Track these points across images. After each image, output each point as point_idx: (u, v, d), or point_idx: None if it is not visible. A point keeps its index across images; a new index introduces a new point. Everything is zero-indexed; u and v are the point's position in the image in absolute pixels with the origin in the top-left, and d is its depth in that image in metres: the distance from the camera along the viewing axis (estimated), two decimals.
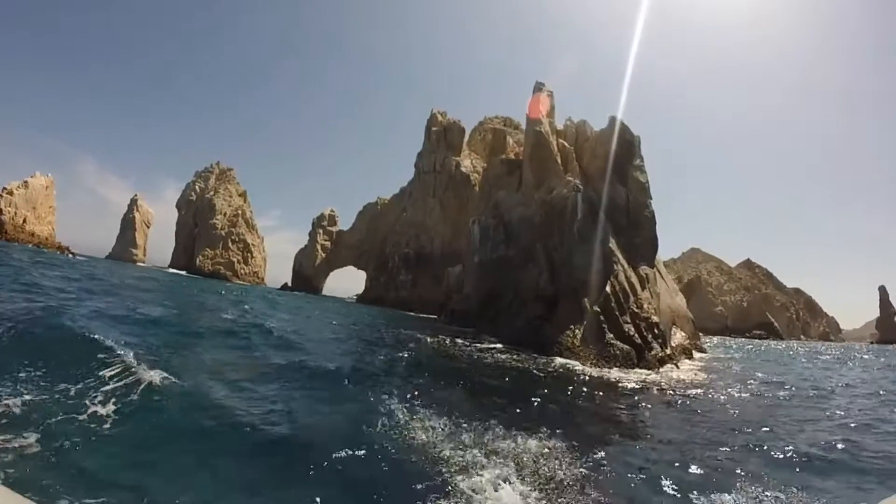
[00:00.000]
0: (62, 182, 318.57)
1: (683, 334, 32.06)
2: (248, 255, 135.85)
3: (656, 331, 23.14)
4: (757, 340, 74.66)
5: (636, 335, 21.87)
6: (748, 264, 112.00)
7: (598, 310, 22.31)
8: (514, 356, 19.82)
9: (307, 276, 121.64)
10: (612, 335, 21.27)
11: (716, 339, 72.04)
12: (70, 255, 77.70)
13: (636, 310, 23.44)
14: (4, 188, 76.37)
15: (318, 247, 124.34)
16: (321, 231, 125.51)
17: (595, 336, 21.43)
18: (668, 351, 22.75)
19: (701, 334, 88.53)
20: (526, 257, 30.50)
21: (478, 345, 23.15)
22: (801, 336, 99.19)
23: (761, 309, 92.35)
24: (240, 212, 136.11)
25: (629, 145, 32.27)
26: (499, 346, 23.12)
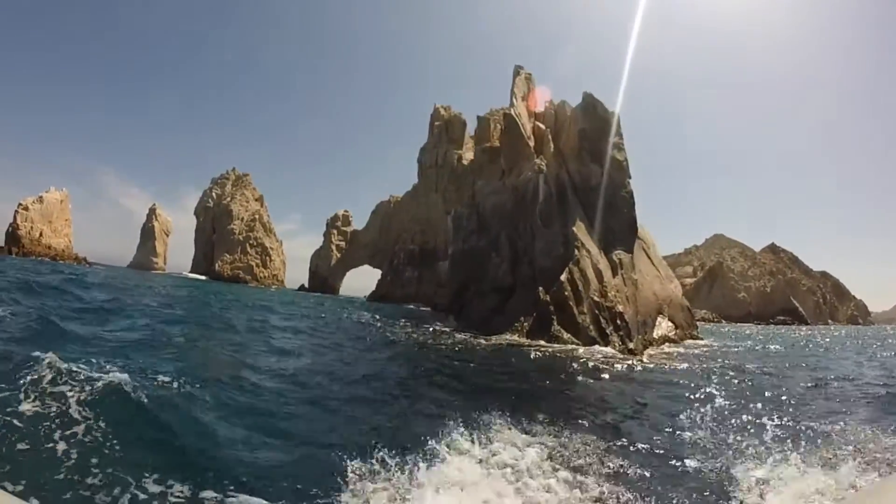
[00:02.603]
0: (85, 195, 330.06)
1: (670, 324, 29.48)
2: (267, 258, 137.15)
3: (619, 321, 20.91)
4: (779, 327, 70.10)
5: (591, 326, 19.76)
6: (773, 248, 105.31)
7: (548, 299, 20.29)
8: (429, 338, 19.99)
9: (323, 277, 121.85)
10: (559, 327, 19.24)
11: (727, 326, 68.08)
12: (87, 266, 79.58)
13: (597, 298, 21.27)
14: (20, 203, 78.73)
15: (333, 247, 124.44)
16: (335, 231, 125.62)
17: (542, 328, 19.46)
18: (632, 345, 20.48)
19: (724, 321, 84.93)
20: (492, 246, 28.61)
21: (426, 328, 24.30)
22: (829, 321, 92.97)
23: (785, 294, 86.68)
24: (257, 216, 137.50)
25: (603, 122, 29.88)
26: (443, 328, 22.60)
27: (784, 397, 11.12)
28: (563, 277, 20.99)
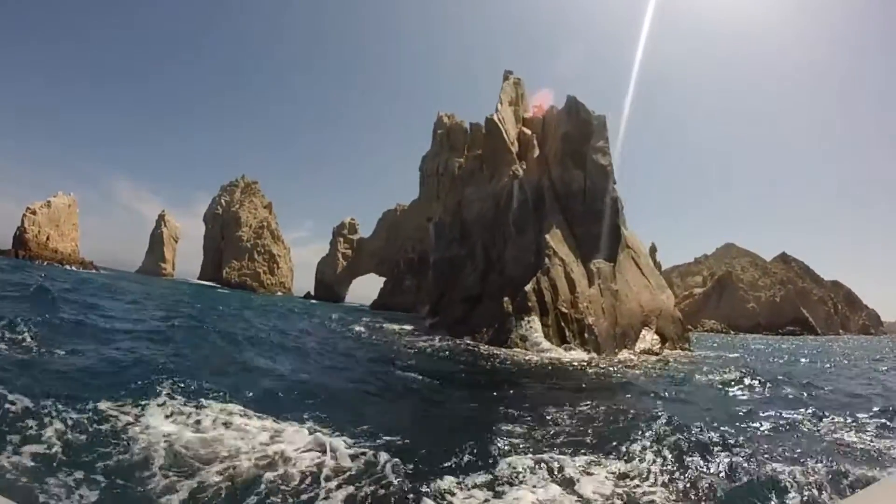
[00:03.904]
0: (98, 200, 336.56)
1: (655, 337, 28.05)
2: (275, 265, 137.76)
3: (587, 334, 19.72)
4: (787, 338, 67.46)
5: (554, 339, 18.62)
6: (784, 258, 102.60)
7: (510, 310, 19.23)
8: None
9: (329, 285, 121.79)
10: (518, 339, 18.13)
11: (732, 337, 65.58)
12: (94, 271, 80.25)
13: (565, 310, 20.12)
14: (28, 208, 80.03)
15: (339, 255, 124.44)
16: (341, 239, 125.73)
17: (501, 339, 18.39)
18: (600, 360, 19.23)
19: (732, 332, 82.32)
20: (470, 255, 27.63)
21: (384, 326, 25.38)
22: (841, 331, 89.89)
23: (795, 304, 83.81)
24: (265, 223, 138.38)
25: (585, 124, 28.78)
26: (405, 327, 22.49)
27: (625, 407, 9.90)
28: (528, 287, 19.92)
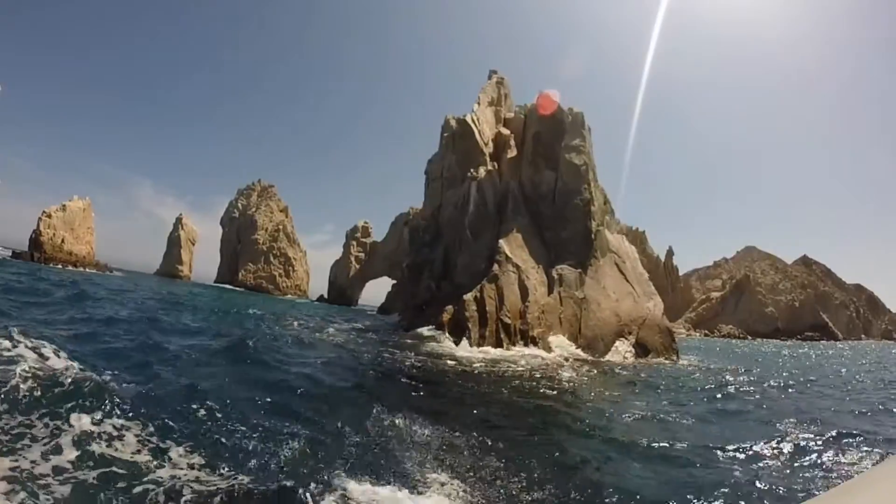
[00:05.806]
0: (120, 205, 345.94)
1: (629, 349, 26.23)
2: (290, 268, 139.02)
3: (531, 346, 18.28)
4: (803, 343, 63.49)
5: (491, 353, 17.24)
6: (805, 261, 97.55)
7: (444, 320, 17.97)
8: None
9: (342, 288, 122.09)
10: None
11: (743, 344, 62.07)
12: (108, 272, 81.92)
13: (508, 320, 18.72)
14: (44, 211, 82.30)
15: (352, 258, 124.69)
16: (355, 243, 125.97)
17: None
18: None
19: (749, 337, 78.49)
20: (430, 260, 26.42)
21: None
22: (863, 335, 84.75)
23: (815, 309, 79.23)
24: (281, 227, 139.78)
25: (557, 123, 27.32)
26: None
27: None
28: (468, 296, 18.62)
